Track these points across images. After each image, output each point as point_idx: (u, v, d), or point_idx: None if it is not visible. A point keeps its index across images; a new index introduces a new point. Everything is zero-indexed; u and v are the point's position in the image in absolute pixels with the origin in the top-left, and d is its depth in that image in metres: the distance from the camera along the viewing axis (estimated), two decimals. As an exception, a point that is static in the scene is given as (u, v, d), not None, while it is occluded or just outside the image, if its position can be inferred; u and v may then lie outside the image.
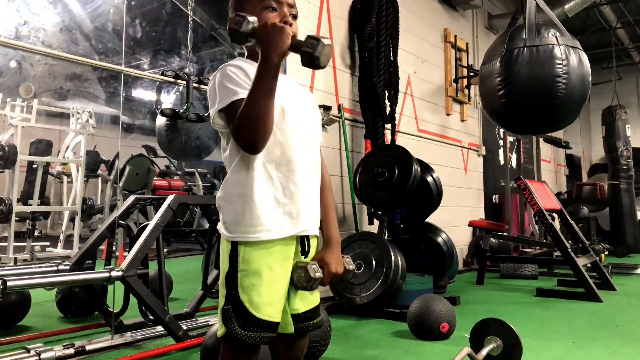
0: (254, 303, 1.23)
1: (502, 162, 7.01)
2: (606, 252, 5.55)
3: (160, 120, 4.08)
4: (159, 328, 2.68)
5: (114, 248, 2.98)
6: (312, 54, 1.17)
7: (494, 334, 2.19)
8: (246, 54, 1.40)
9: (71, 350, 2.31)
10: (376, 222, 4.01)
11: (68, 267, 2.75)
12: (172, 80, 3.26)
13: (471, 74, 5.98)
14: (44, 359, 2.19)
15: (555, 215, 5.09)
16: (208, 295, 3.13)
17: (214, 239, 3.18)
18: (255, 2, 1.33)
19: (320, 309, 1.41)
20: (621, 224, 7.59)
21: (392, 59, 4.26)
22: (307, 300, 1.36)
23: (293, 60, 1.43)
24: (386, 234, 3.84)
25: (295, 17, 1.36)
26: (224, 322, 1.24)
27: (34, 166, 6.03)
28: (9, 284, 2.02)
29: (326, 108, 3.84)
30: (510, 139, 7.09)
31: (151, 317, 2.63)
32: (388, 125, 4.26)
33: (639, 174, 7.75)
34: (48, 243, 6.24)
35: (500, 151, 7.04)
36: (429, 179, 3.99)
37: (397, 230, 3.99)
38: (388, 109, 4.20)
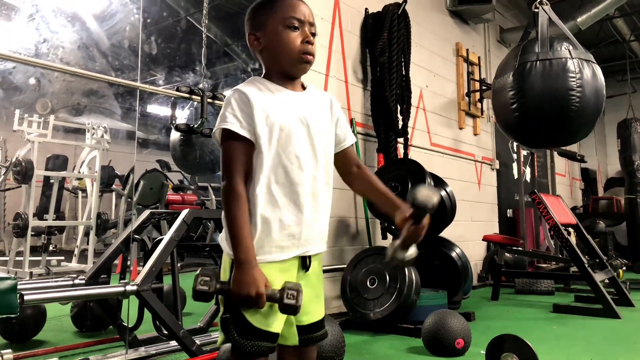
0: (251, 312, 1.24)
1: (516, 176, 6.96)
2: (624, 268, 5.45)
3: (175, 135, 4.12)
4: (173, 343, 2.68)
5: (128, 262, 2.99)
6: (294, 306, 1.20)
7: (511, 350, 2.16)
8: (264, 71, 1.38)
9: (86, 365, 2.33)
10: (389, 236, 4.00)
11: (83, 282, 2.77)
12: (186, 95, 3.29)
13: (483, 87, 5.98)
14: (59, 373, 2.20)
15: (571, 230, 5.02)
16: (221, 309, 3.12)
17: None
18: (276, 21, 1.31)
19: (325, 321, 1.41)
20: (639, 239, 7.48)
21: (404, 73, 4.27)
22: (311, 313, 1.36)
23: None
24: (400, 249, 3.80)
25: (314, 35, 1.35)
26: (223, 329, 1.26)
27: (51, 181, 6.11)
28: (26, 297, 2.04)
29: (339, 122, 3.85)
30: (524, 152, 7.05)
31: (165, 332, 2.63)
32: (401, 139, 4.26)
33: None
34: (63, 257, 6.28)
35: (514, 165, 7.00)
36: (443, 193, 3.96)
37: (410, 244, 3.96)
38: (400, 123, 4.20)
